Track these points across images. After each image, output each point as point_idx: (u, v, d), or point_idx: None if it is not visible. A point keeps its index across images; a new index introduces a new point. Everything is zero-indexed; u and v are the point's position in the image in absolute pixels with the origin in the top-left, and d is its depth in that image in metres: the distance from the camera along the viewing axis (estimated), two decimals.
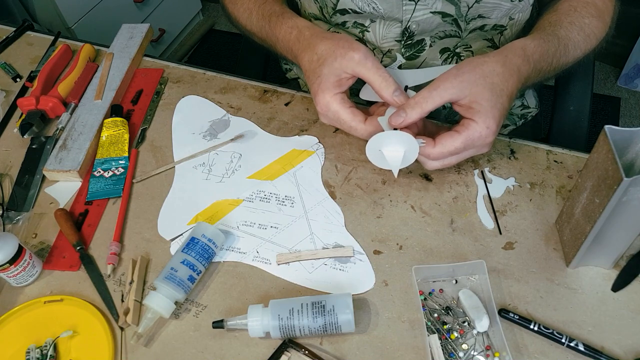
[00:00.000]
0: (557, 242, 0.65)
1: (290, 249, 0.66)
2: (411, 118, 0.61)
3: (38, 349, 0.59)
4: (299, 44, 0.70)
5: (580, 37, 0.70)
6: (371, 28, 0.78)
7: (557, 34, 0.69)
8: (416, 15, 0.74)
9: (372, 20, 0.77)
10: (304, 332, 0.57)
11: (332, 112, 0.66)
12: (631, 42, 1.90)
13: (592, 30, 0.71)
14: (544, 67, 0.67)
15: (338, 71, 0.64)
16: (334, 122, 0.67)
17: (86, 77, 0.89)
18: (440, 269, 0.62)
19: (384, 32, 0.78)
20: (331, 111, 0.66)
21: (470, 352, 0.56)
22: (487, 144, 0.63)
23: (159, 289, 0.60)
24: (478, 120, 0.60)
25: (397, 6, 0.74)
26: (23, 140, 0.82)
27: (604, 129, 0.52)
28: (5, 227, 0.71)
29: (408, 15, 0.75)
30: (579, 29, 0.70)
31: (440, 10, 0.74)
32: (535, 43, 0.66)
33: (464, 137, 0.61)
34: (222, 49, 2.40)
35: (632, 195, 0.50)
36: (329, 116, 0.67)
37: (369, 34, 0.79)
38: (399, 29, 0.77)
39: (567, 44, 0.69)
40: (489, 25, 0.77)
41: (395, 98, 0.63)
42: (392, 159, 0.64)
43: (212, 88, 0.87)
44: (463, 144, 0.61)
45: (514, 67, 0.63)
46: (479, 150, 0.64)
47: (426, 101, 0.61)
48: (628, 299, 0.60)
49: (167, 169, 0.76)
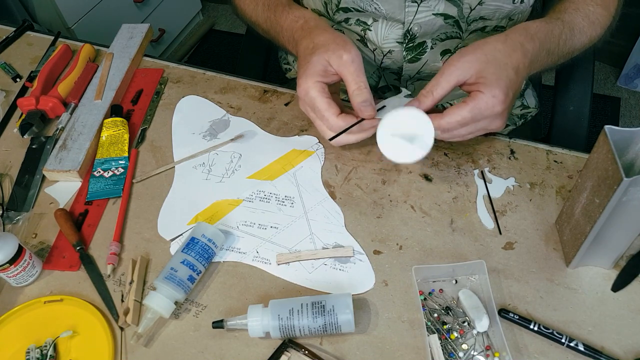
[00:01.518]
0: (557, 242, 0.65)
1: (290, 249, 0.66)
2: (425, 105, 0.63)
3: (38, 349, 0.59)
4: (301, 32, 0.71)
5: (585, 23, 0.70)
6: (373, 27, 0.78)
7: (561, 17, 0.69)
8: (418, 17, 0.75)
9: (374, 20, 0.78)
10: (303, 332, 0.57)
11: (309, 98, 0.66)
12: (631, 42, 1.90)
13: (596, 18, 0.71)
14: (552, 48, 0.67)
15: (325, 63, 0.66)
16: (310, 108, 0.68)
17: (86, 77, 0.89)
18: (440, 269, 0.62)
19: (386, 33, 0.78)
20: (309, 96, 0.66)
21: (470, 352, 0.56)
22: (497, 115, 0.62)
23: (159, 289, 0.60)
24: (484, 90, 0.61)
25: (399, 7, 0.74)
26: (23, 140, 0.82)
27: (604, 129, 0.52)
28: (5, 227, 0.71)
29: (410, 17, 0.75)
30: (584, 15, 0.70)
31: (442, 12, 0.74)
32: (538, 23, 0.67)
33: (471, 107, 0.61)
34: (222, 49, 2.40)
35: (632, 195, 0.50)
36: (305, 101, 0.67)
37: (370, 33, 0.79)
38: (400, 30, 0.77)
39: (572, 27, 0.69)
40: (490, 27, 0.77)
41: (361, 107, 0.64)
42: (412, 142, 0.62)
43: (212, 88, 0.87)
44: (470, 114, 0.61)
45: (516, 43, 0.63)
46: (491, 123, 0.63)
47: (436, 88, 0.62)
48: (628, 299, 0.60)
49: (167, 169, 0.76)
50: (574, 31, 0.70)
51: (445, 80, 0.62)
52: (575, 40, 0.70)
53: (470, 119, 0.62)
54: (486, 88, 0.61)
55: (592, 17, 0.71)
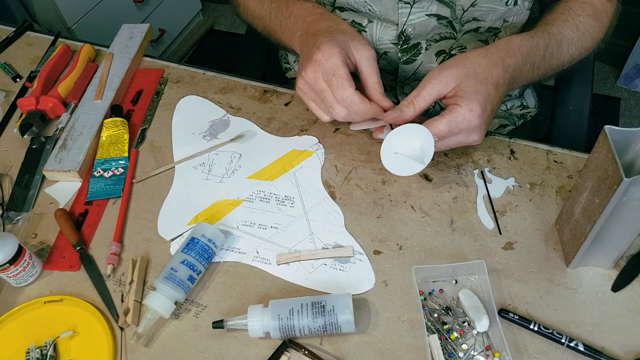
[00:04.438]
0: (557, 242, 0.65)
1: (290, 249, 0.66)
2: (405, 115, 0.63)
3: (38, 349, 0.59)
4: (320, 17, 0.71)
5: (574, 35, 0.70)
6: (368, 28, 0.78)
7: (548, 30, 0.69)
8: (412, 18, 0.75)
9: (369, 21, 0.78)
10: (303, 332, 0.57)
11: (330, 64, 0.63)
12: (631, 42, 1.90)
13: (587, 29, 0.71)
14: (536, 62, 0.68)
15: (350, 48, 0.66)
16: (324, 76, 0.64)
17: (86, 77, 0.89)
18: (440, 269, 0.62)
19: (381, 34, 0.78)
20: (330, 62, 0.63)
21: (470, 352, 0.56)
22: (474, 129, 0.62)
23: (159, 289, 0.60)
24: (461, 104, 0.61)
25: (392, 9, 0.74)
26: (23, 140, 0.82)
27: (604, 129, 0.52)
28: (5, 227, 0.71)
29: (404, 18, 0.75)
30: (574, 26, 0.70)
31: (435, 13, 0.74)
32: (521, 37, 0.67)
33: (448, 120, 0.62)
34: (222, 49, 2.40)
35: (632, 195, 0.50)
36: (325, 66, 0.63)
37: (365, 34, 0.79)
38: (394, 31, 0.77)
39: (560, 39, 0.69)
40: (484, 28, 0.77)
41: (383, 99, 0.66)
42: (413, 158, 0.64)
43: (212, 88, 0.87)
44: (447, 126, 0.62)
45: (497, 58, 0.64)
46: (468, 137, 0.64)
47: (417, 100, 0.63)
48: (628, 299, 0.60)
49: (167, 169, 0.76)
50: (562, 43, 0.69)
51: (427, 93, 0.63)
52: (563, 53, 0.70)
53: (447, 132, 0.62)
54: (464, 102, 0.61)
55: (582, 28, 0.70)
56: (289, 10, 0.75)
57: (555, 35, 0.69)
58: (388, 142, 0.64)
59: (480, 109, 0.61)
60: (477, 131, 0.63)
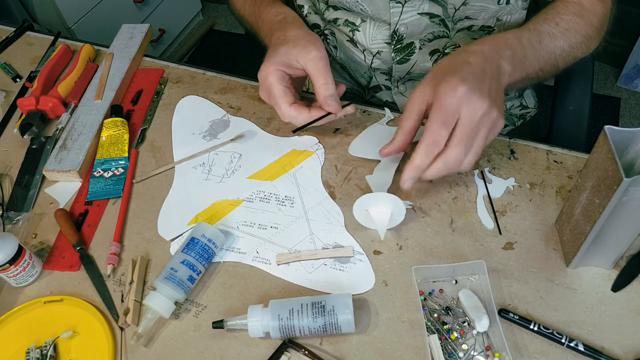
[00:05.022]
0: (557, 242, 0.65)
1: (290, 249, 0.66)
2: (398, 142, 0.64)
3: (38, 349, 0.59)
4: (278, 25, 0.74)
5: (555, 30, 0.68)
6: (362, 28, 0.79)
7: (526, 27, 0.68)
8: (404, 17, 0.75)
9: (362, 20, 0.78)
10: (303, 332, 0.57)
11: (267, 84, 0.70)
12: (631, 42, 1.90)
13: (570, 25, 0.69)
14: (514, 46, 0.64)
15: (292, 57, 0.68)
16: (267, 94, 0.71)
17: (86, 77, 0.89)
18: (440, 269, 0.62)
19: (374, 34, 0.79)
20: (267, 82, 0.69)
21: (470, 352, 0.56)
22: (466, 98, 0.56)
23: (159, 289, 0.60)
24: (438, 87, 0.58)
25: (384, 8, 0.75)
26: (23, 141, 0.82)
27: (604, 129, 0.52)
28: (5, 227, 0.71)
29: (396, 17, 0.75)
30: (553, 23, 0.69)
31: (427, 12, 0.74)
32: (493, 35, 0.66)
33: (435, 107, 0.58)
34: (222, 49, 2.40)
35: (632, 195, 0.50)
36: (264, 87, 0.71)
37: (359, 34, 0.79)
38: (387, 31, 0.77)
39: (539, 32, 0.67)
40: (477, 26, 0.77)
41: (327, 100, 0.68)
42: (379, 220, 0.65)
43: (212, 88, 0.87)
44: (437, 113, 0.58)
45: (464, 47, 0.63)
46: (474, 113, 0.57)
47: (402, 121, 0.63)
48: (628, 299, 0.60)
49: (167, 169, 0.76)
50: (542, 35, 0.67)
51: (408, 111, 0.62)
52: (547, 43, 0.67)
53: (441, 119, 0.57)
54: (439, 84, 0.58)
55: (564, 25, 0.69)
56: (261, 16, 0.79)
57: (534, 30, 0.68)
58: (361, 200, 0.64)
59: (457, 78, 0.56)
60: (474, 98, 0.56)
